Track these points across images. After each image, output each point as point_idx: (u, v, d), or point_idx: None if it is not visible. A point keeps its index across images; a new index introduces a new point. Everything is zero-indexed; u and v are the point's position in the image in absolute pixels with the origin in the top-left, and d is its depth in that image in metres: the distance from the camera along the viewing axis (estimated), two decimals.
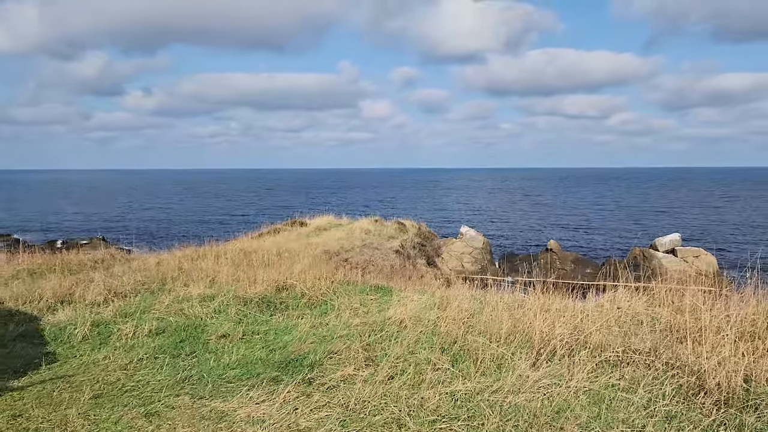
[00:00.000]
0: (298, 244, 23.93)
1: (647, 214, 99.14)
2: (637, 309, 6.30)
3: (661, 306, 6.47)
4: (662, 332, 5.73)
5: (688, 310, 6.08)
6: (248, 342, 7.06)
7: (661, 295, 6.64)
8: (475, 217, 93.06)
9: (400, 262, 27.82)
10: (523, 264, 54.29)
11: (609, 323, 5.80)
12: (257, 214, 76.98)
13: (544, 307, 6.53)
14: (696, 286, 7.16)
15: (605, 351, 5.15)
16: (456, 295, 8.24)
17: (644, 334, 5.52)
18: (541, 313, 6.11)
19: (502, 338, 5.85)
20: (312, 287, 9.42)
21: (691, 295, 6.43)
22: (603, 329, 5.64)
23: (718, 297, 6.60)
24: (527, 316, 6.24)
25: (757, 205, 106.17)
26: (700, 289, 6.99)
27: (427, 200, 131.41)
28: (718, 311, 5.96)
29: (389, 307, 8.23)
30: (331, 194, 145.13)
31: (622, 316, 6.15)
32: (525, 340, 5.75)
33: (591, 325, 5.74)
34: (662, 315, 6.16)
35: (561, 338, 5.44)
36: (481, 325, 6.50)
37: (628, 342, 5.28)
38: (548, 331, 5.60)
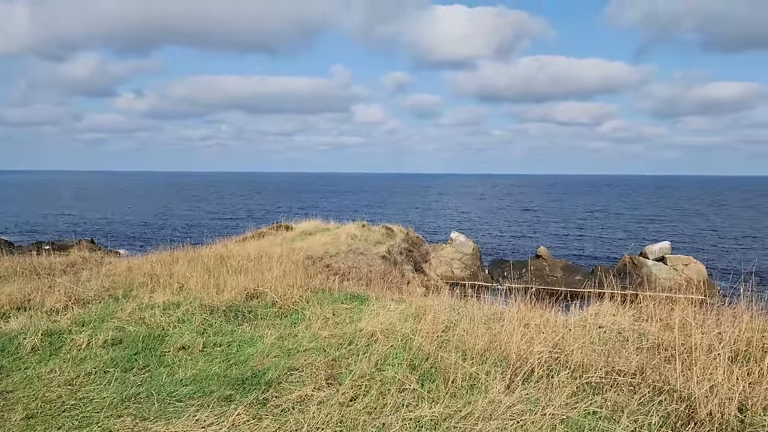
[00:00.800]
0: (281, 248, 23.41)
1: (637, 221, 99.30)
2: (622, 324, 5.89)
3: (648, 321, 6.06)
4: (649, 351, 5.32)
5: (678, 326, 5.66)
6: (208, 355, 6.57)
7: (648, 308, 6.23)
8: (465, 222, 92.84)
9: (386, 268, 27.37)
10: (513, 270, 54.05)
11: (592, 340, 5.38)
12: (246, 218, 76.29)
13: (523, 321, 6.10)
14: (685, 296, 6.77)
15: (587, 372, 4.72)
16: (434, 305, 7.79)
17: (630, 353, 5.10)
18: (519, 328, 5.68)
19: (477, 355, 5.41)
20: (284, 295, 8.95)
21: (680, 309, 6.03)
22: (585, 347, 5.21)
23: (708, 310, 6.20)
24: (505, 331, 5.80)
25: (747, 215, 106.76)
26: (688, 298, 6.59)
27: (417, 205, 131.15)
28: (709, 328, 5.55)
29: (362, 317, 7.78)
30: (321, 198, 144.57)
31: (607, 332, 5.73)
32: (501, 357, 5.31)
33: (572, 342, 5.32)
34: (649, 331, 5.75)
35: (539, 356, 5.01)
36: (456, 339, 6.06)
37: (612, 362, 4.85)
38: (526, 348, 5.17)
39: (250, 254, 17.06)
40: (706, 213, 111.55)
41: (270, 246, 24.29)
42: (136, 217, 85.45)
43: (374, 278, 20.68)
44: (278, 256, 18.56)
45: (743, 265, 40.27)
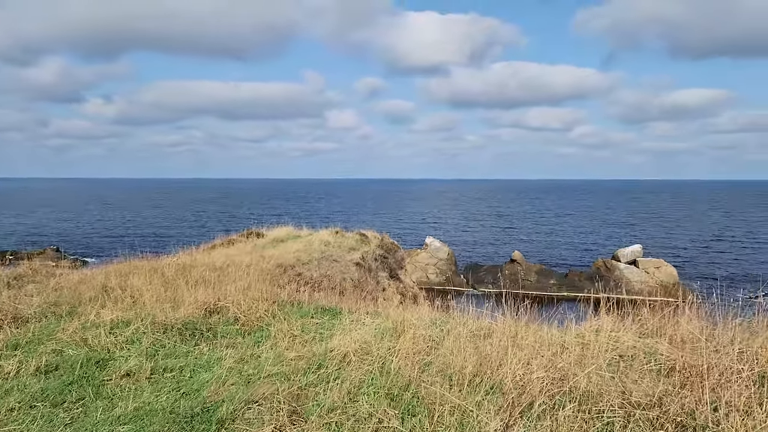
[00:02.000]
0: (250, 257, 22.45)
1: (608, 225, 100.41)
2: (625, 341, 5.26)
3: (653, 337, 5.43)
4: (661, 373, 4.67)
5: (687, 342, 5.03)
6: (156, 383, 5.72)
7: (652, 322, 5.59)
8: (440, 228, 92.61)
9: (361, 275, 26.60)
10: (488, 275, 53.80)
11: (596, 361, 4.71)
12: (216, 225, 74.70)
13: (516, 339, 5.41)
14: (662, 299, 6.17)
15: (597, 403, 4.04)
16: (413, 319, 7.05)
17: (641, 378, 4.44)
18: (512, 348, 4.98)
19: (466, 381, 4.68)
20: (248, 310, 8.11)
21: (686, 321, 5.41)
22: (591, 371, 4.53)
23: (712, 322, 5.60)
24: (496, 351, 5.09)
25: (713, 219, 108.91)
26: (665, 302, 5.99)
27: (391, 211, 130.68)
28: (722, 343, 4.93)
29: (334, 334, 7.00)
30: (294, 205, 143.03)
31: (610, 351, 5.07)
32: (494, 384, 4.59)
33: (574, 365, 4.63)
34: (657, 350, 5.10)
35: (540, 384, 4.31)
36: (440, 362, 5.33)
37: (624, 389, 4.18)
38: (523, 375, 4.47)
39: (215, 263, 16.14)
40: (675, 217, 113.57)
41: (239, 254, 23.30)
42: (104, 224, 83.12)
43: (348, 287, 19.89)
44: (246, 265, 17.65)
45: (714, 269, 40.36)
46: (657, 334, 5.43)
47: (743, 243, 74.13)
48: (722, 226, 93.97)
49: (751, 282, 51.40)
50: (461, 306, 8.40)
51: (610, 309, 6.53)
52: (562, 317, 6.59)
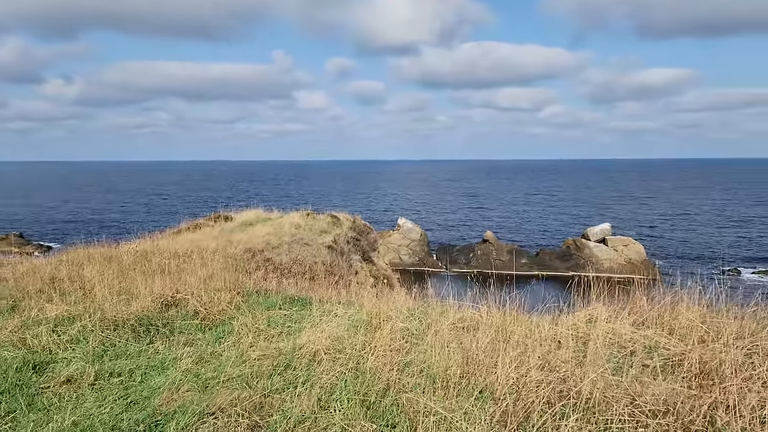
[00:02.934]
0: (217, 241, 21.64)
1: (579, 204, 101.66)
2: (623, 332, 4.79)
3: (651, 326, 4.98)
4: (666, 370, 4.22)
5: (687, 333, 4.59)
6: (100, 390, 5.05)
7: (651, 312, 5.13)
8: (412, 208, 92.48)
9: (333, 258, 26.02)
10: (460, 255, 53.79)
11: (597, 359, 4.22)
12: (183, 209, 73.03)
13: (504, 333, 4.89)
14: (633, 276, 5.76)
15: (605, 411, 3.55)
16: (389, 311, 6.49)
17: (648, 377, 3.97)
18: (501, 344, 4.46)
19: (452, 384, 4.15)
20: (209, 302, 7.45)
21: (685, 308, 4.97)
22: (590, 369, 4.05)
23: (713, 312, 5.18)
24: (483, 348, 4.57)
25: (679, 197, 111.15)
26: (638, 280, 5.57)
27: (363, 192, 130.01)
28: (725, 332, 4.49)
29: (304, 327, 6.41)
30: (263, 187, 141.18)
31: (608, 345, 4.60)
32: (484, 388, 4.07)
33: (573, 364, 4.14)
34: (656, 341, 4.65)
35: (536, 388, 3.80)
36: (420, 360, 4.79)
37: (632, 392, 3.70)
38: (516, 376, 3.96)
39: (179, 250, 15.34)
40: (642, 195, 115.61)
41: (205, 239, 22.45)
42: (70, 208, 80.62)
43: (319, 271, 19.28)
44: (212, 251, 16.89)
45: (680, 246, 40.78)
46: (655, 323, 4.99)
47: (706, 221, 75.81)
48: (687, 205, 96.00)
49: (713, 258, 52.52)
50: (439, 291, 7.89)
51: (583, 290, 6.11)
52: (550, 305, 6.11)
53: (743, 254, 53.59)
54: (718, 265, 49.91)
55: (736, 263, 49.94)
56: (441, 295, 7.45)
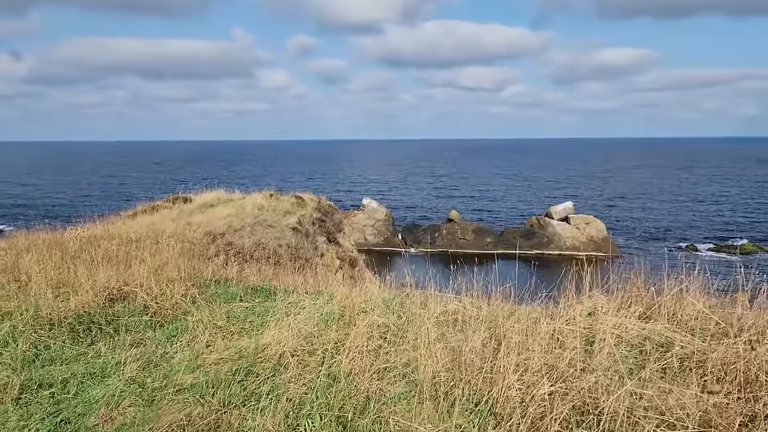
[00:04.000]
0: (175, 224, 20.58)
1: (542, 183, 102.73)
2: (628, 327, 4.27)
3: (658, 320, 4.47)
4: (684, 371, 3.70)
5: (698, 326, 4.09)
6: (25, 406, 4.28)
7: (658, 302, 4.60)
8: (377, 188, 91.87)
9: (297, 240, 25.23)
10: (426, 235, 53.51)
11: (607, 360, 3.67)
12: (141, 191, 70.70)
13: (497, 330, 4.31)
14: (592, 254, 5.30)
15: (633, 428, 3.00)
16: (363, 302, 5.85)
17: (667, 381, 3.44)
18: (494, 341, 3.88)
19: (441, 395, 3.55)
20: (161, 295, 6.66)
21: (692, 297, 4.47)
22: (602, 374, 3.50)
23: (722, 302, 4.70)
24: (475, 349, 3.98)
25: (638, 176, 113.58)
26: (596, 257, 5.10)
27: (327, 173, 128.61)
28: (742, 326, 4.01)
29: (268, 323, 5.71)
30: (225, 168, 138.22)
31: (614, 342, 4.06)
32: (480, 399, 3.48)
33: (580, 368, 3.58)
34: (669, 338, 4.14)
35: (547, 401, 3.22)
36: (404, 363, 4.17)
37: (657, 402, 3.16)
38: (518, 385, 3.38)
39: (133, 234, 14.34)
40: (604, 174, 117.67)
41: (163, 222, 21.36)
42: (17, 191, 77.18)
43: (284, 254, 18.50)
44: (169, 235, 15.94)
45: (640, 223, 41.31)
46: (661, 315, 4.48)
47: (665, 199, 77.60)
48: (647, 183, 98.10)
49: (671, 236, 53.65)
50: (417, 280, 7.29)
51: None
52: (537, 291, 5.57)
53: (700, 231, 54.96)
54: (676, 241, 51.03)
55: (693, 240, 51.14)
56: (419, 283, 6.85)
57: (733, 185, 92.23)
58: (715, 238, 51.85)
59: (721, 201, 74.26)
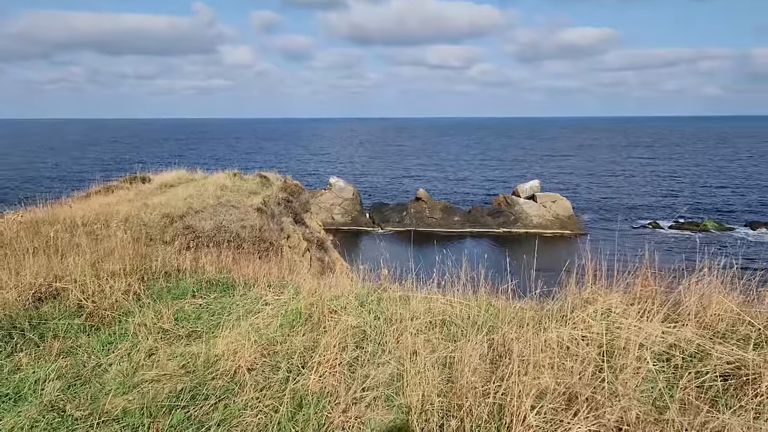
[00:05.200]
0: (131, 206, 19.39)
1: (509, 162, 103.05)
2: (650, 330, 3.60)
3: (684, 323, 3.80)
4: (728, 391, 3.06)
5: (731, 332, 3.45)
6: None
7: (683, 301, 3.94)
8: (344, 167, 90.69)
9: (262, 222, 24.22)
10: (393, 213, 52.90)
11: (632, 375, 3.01)
12: (98, 169, 68.05)
13: (495, 338, 3.59)
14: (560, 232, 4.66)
15: None
16: (334, 300, 5.08)
17: (719, 409, 2.79)
18: (491, 352, 3.16)
19: (435, 427, 2.82)
20: (99, 292, 5.76)
21: (718, 293, 3.84)
22: (636, 402, 2.83)
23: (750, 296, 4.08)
24: (471, 363, 3.26)
25: (603, 155, 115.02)
26: None
27: (293, 151, 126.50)
28: None
29: (222, 325, 4.90)
30: (187, 147, 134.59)
31: (637, 350, 3.39)
32: None
33: (608, 391, 2.91)
34: (701, 345, 3.48)
35: None
36: (386, 381, 3.42)
37: None
38: (541, 423, 2.67)
39: (83, 217, 13.22)
40: (569, 153, 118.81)
41: (118, 203, 20.12)
42: None
43: (247, 238, 17.54)
44: (122, 218, 14.85)
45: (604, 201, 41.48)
46: (685, 316, 3.82)
47: (629, 177, 78.70)
48: (611, 162, 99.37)
49: (634, 213, 54.32)
50: (390, 268, 6.55)
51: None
52: (534, 285, 4.88)
53: (662, 209, 55.83)
54: (640, 219, 51.70)
55: (655, 217, 51.88)
56: (395, 272, 6.11)
57: (694, 164, 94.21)
58: (677, 216, 52.73)
59: (683, 179, 75.74)
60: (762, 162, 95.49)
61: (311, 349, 4.12)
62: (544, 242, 46.37)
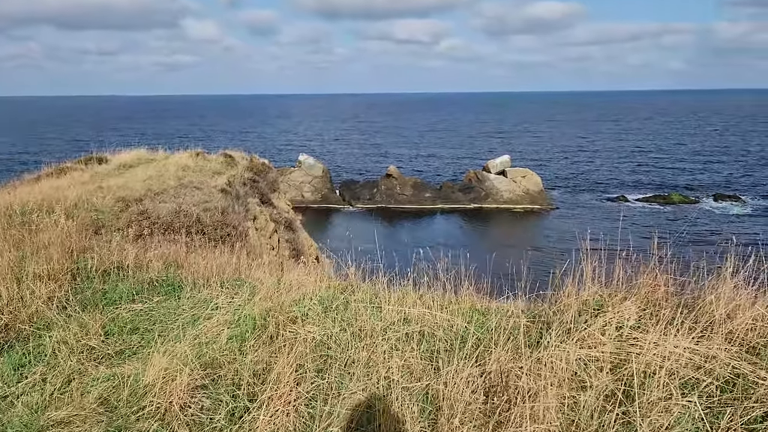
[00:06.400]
0: (84, 189, 18.17)
1: (479, 137, 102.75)
2: (673, 348, 2.96)
3: (711, 337, 3.15)
4: None
5: None
6: None
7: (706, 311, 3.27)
8: (313, 144, 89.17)
9: (227, 203, 23.16)
10: (364, 190, 52.11)
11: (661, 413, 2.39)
12: (54, 149, 65.26)
13: (486, 363, 2.91)
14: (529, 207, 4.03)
15: None
16: (294, 305, 4.34)
17: None
18: (484, 381, 2.49)
19: None
20: (18, 300, 4.90)
21: (751, 302, 3.21)
22: None
23: None
24: (461, 398, 2.59)
25: (572, 129, 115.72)
26: None
27: (260, 128, 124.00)
28: None
29: (157, 340, 4.13)
30: (150, 124, 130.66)
31: (665, 379, 2.74)
32: None
33: None
34: (732, 366, 2.85)
35: None
36: (355, 418, 2.72)
37: None
38: None
39: (27, 203, 12.13)
40: (538, 128, 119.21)
41: (70, 186, 18.85)
42: None
43: (209, 223, 16.57)
44: (71, 204, 13.77)
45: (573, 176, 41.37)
46: (695, 320, 3.17)
47: (596, 152, 79.28)
48: (578, 137, 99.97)
49: (602, 187, 54.65)
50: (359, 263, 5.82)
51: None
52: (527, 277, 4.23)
53: (629, 183, 56.31)
54: (607, 193, 52.03)
55: (622, 191, 52.28)
56: (366, 267, 5.38)
57: (659, 138, 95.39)
58: (644, 189, 53.26)
59: (649, 153, 76.63)
60: (726, 136, 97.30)
61: (264, 373, 3.40)
62: (516, 217, 46.30)
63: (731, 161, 67.82)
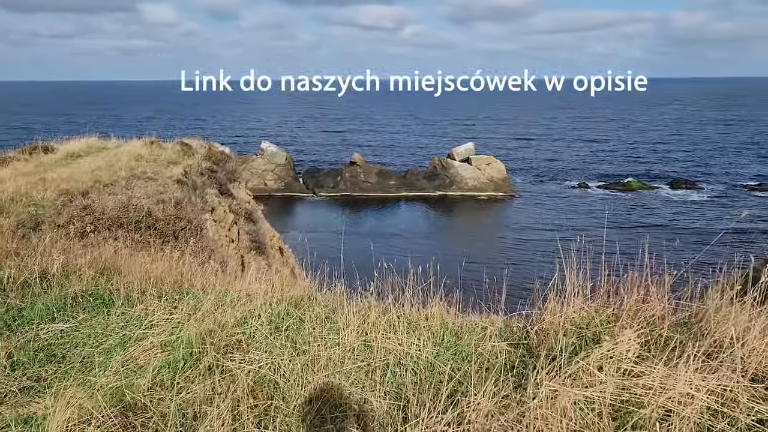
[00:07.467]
0: (27, 180, 16.97)
1: (444, 125, 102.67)
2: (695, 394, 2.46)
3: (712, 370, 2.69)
4: None
5: None
6: None
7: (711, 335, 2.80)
8: (274, 132, 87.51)
9: (183, 194, 22.12)
10: (328, 178, 51.28)
11: None
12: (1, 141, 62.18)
13: (465, 409, 2.39)
14: None
15: None
16: (239, 322, 3.73)
17: None
18: None
19: None
20: None
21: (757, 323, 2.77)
22: None
23: None
24: None
25: (536, 117, 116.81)
26: None
27: (220, 116, 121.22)
28: None
29: (82, 365, 3.47)
30: (102, 112, 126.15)
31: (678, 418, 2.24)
32: None
33: None
34: (755, 409, 2.40)
35: None
36: None
37: None
38: None
39: None
40: (503, 116, 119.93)
41: (10, 178, 17.61)
42: None
43: (162, 217, 15.64)
44: (7, 198, 12.83)
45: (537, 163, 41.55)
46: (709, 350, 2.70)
47: (559, 140, 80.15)
48: (542, 125, 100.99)
49: (564, 175, 55.16)
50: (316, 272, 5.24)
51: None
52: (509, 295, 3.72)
53: (590, 170, 57.04)
54: (569, 180, 52.57)
55: (584, 179, 52.90)
56: (325, 279, 4.80)
57: (619, 127, 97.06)
58: (604, 176, 53.98)
59: (609, 141, 77.79)
60: (681, 124, 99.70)
61: (195, 419, 2.79)
62: (481, 205, 46.25)
63: (689, 149, 69.42)
